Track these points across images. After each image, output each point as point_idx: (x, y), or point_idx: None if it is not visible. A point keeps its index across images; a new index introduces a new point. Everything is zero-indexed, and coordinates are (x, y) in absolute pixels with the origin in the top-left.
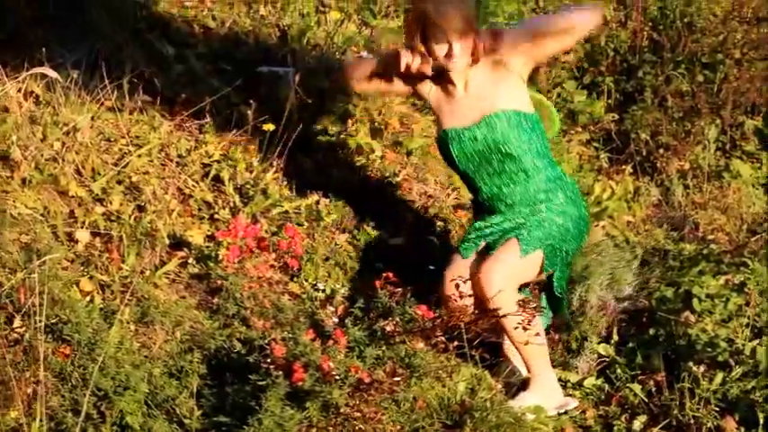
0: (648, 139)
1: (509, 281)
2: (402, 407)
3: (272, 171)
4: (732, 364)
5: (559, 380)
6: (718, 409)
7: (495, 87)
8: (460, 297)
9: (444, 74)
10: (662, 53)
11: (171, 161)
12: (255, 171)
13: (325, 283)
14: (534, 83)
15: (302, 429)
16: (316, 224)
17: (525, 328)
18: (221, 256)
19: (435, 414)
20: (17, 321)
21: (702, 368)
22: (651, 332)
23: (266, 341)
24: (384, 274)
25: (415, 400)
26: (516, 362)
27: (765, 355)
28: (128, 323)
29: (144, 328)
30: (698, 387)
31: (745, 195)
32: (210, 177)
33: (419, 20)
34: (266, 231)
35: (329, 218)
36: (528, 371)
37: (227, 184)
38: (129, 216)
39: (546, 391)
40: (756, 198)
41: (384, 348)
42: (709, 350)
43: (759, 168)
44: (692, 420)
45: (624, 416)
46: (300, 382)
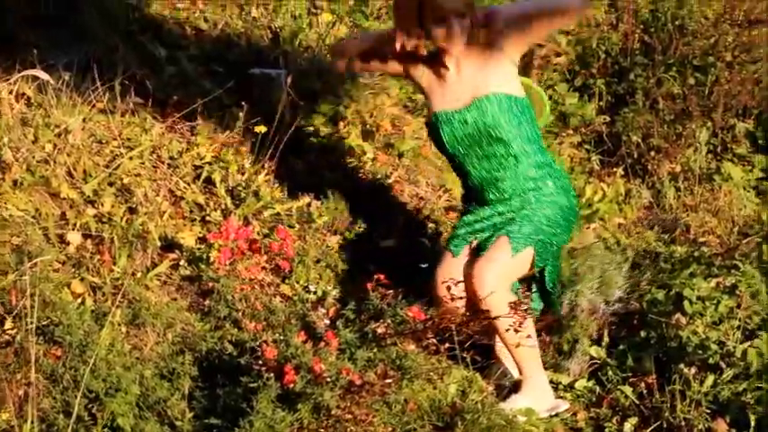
0: (640, 141)
1: (501, 280)
2: (393, 409)
3: (263, 173)
4: (723, 366)
5: (551, 382)
6: (709, 411)
7: (487, 70)
8: (452, 299)
9: (437, 57)
10: (653, 56)
11: (162, 163)
12: (247, 173)
13: (316, 285)
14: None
15: (293, 431)
16: (307, 226)
17: (517, 330)
18: (213, 258)
19: (426, 416)
20: (8, 323)
21: (693, 370)
22: (642, 334)
23: (257, 343)
24: (375, 276)
25: (406, 402)
26: (508, 364)
27: (756, 358)
28: (119, 325)
29: (135, 329)
30: (689, 389)
31: (736, 198)
32: (202, 179)
33: (416, 1)
34: (258, 233)
35: (321, 220)
36: (519, 373)
37: (218, 186)
38: (121, 218)
39: (537, 394)
40: (747, 201)
41: (375, 350)
42: (701, 352)
43: (750, 171)
44: (683, 422)
45: (615, 418)
46: (292, 384)
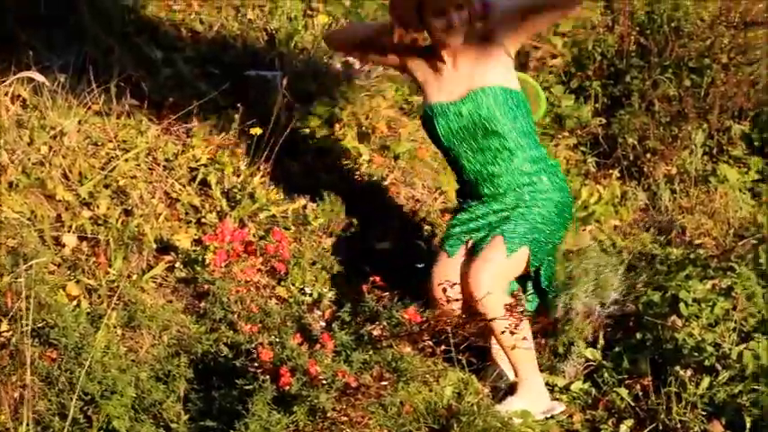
0: (636, 143)
1: (497, 280)
2: (389, 411)
3: (259, 175)
4: (719, 368)
5: (546, 384)
6: (704, 413)
7: (483, 63)
8: (447, 301)
9: (434, 49)
10: (649, 58)
11: (158, 165)
12: (243, 175)
13: (312, 287)
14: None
15: None
16: (303, 228)
17: (512, 333)
18: (208, 261)
19: (422, 418)
20: (4, 325)
21: (689, 372)
22: (638, 336)
23: (253, 345)
24: (371, 278)
25: (401, 405)
26: (504, 366)
27: (752, 360)
28: (114, 327)
29: (131, 332)
30: (685, 391)
31: (731, 200)
32: (198, 181)
33: None
34: (253, 235)
35: (316, 222)
36: (515, 375)
37: (214, 188)
38: (117, 220)
39: (533, 396)
40: (743, 203)
41: (371, 353)
42: (696, 354)
43: (746, 173)
44: (678, 425)
45: (611, 420)
46: (287, 387)
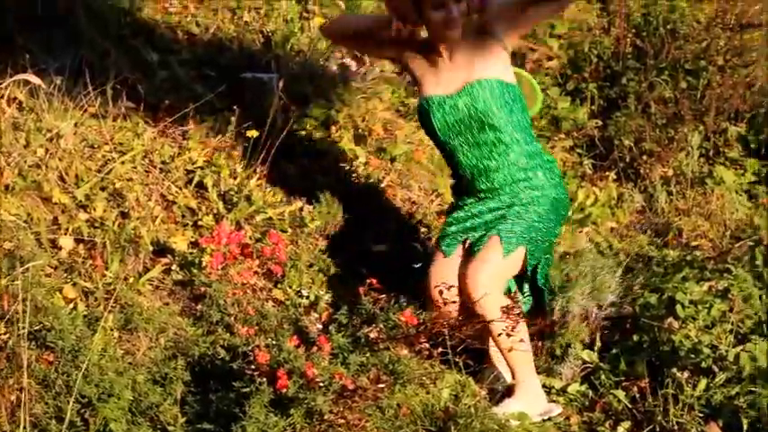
0: (632, 145)
1: (494, 280)
2: (386, 414)
3: (255, 177)
4: (716, 370)
5: (543, 386)
6: (702, 415)
7: (480, 56)
8: (444, 304)
9: (431, 42)
10: (645, 60)
11: (155, 168)
12: (239, 177)
13: (308, 289)
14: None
15: None
16: (300, 230)
17: (509, 335)
18: (205, 263)
19: (419, 421)
20: (1, 328)
21: (686, 374)
22: (635, 338)
23: (250, 348)
24: (368, 280)
25: (399, 407)
26: (501, 368)
27: (749, 361)
28: (111, 330)
29: (128, 334)
30: (682, 393)
31: (728, 202)
32: (194, 184)
33: None
34: (250, 238)
35: (313, 224)
36: (513, 377)
37: (210, 190)
38: (113, 223)
39: (530, 398)
40: (740, 204)
41: (368, 355)
42: (693, 356)
43: (742, 175)
44: (675, 427)
45: (608, 422)
46: (284, 389)
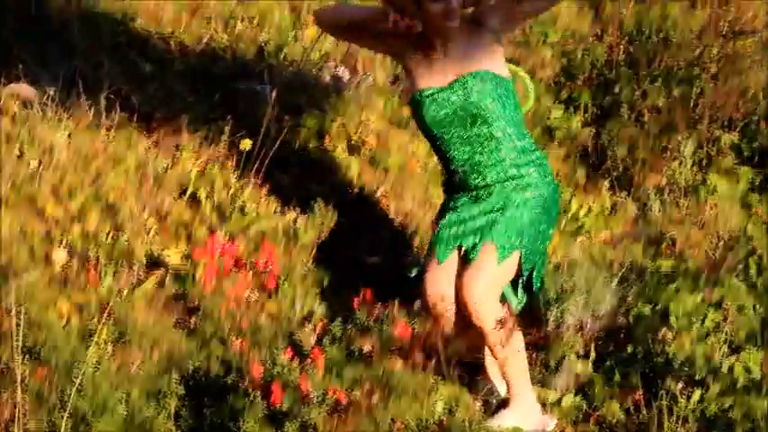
0: (625, 154)
1: (490, 288)
2: (380, 427)
3: (249, 188)
4: (710, 381)
5: (537, 398)
6: (696, 426)
7: (474, 48)
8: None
9: (426, 35)
10: (638, 68)
11: (148, 180)
12: (233, 188)
13: (302, 302)
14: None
15: None
16: (293, 243)
17: (504, 346)
18: (198, 276)
19: None
20: None
21: (680, 385)
22: (629, 350)
23: (244, 361)
24: (362, 292)
25: (393, 421)
26: (496, 380)
27: (743, 372)
28: (105, 344)
29: (121, 348)
30: (676, 405)
31: (721, 211)
32: (188, 195)
33: None
34: (244, 250)
35: (306, 236)
36: (507, 389)
37: (204, 202)
38: (107, 235)
39: (525, 410)
40: (733, 213)
41: (362, 368)
42: (687, 368)
43: (736, 183)
44: None
45: None
46: (278, 403)
